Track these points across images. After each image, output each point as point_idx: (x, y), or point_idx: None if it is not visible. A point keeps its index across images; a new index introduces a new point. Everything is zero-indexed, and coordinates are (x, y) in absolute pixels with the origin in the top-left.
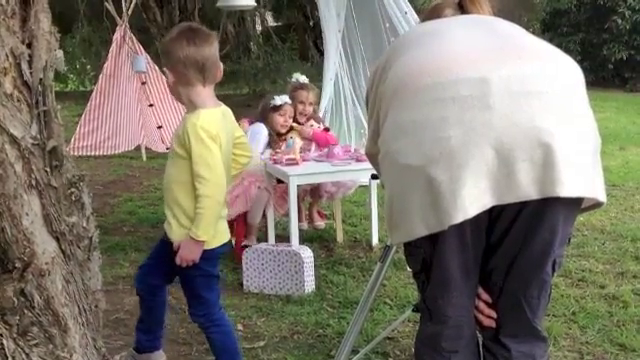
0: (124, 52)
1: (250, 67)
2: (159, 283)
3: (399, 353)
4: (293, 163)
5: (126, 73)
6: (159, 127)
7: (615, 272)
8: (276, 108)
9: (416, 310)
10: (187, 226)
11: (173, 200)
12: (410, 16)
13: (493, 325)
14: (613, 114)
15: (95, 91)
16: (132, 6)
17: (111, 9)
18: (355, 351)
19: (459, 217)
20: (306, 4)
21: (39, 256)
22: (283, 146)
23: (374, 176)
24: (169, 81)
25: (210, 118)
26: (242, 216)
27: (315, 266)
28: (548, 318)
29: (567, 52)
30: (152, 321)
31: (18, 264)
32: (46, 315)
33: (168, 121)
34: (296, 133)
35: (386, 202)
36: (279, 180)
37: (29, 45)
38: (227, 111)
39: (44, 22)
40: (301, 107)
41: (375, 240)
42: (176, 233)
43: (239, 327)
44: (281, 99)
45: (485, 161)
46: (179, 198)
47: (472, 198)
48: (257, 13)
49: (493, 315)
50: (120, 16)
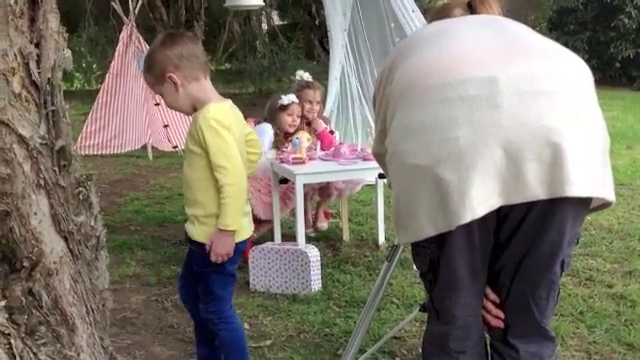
0: (130, 51)
1: (256, 66)
2: (196, 290)
3: (406, 352)
4: (299, 162)
5: (132, 72)
6: (165, 126)
7: (623, 271)
8: (284, 107)
9: (423, 310)
10: (208, 224)
11: (193, 199)
12: (416, 15)
13: (501, 325)
14: (620, 113)
15: (102, 90)
16: (139, 5)
17: (118, 8)
18: (362, 350)
19: (467, 217)
20: (312, 3)
21: (47, 255)
22: (289, 146)
23: (381, 175)
24: (169, 92)
25: (220, 110)
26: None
27: (321, 265)
28: (555, 317)
29: (574, 50)
30: (205, 330)
31: (26, 263)
32: (54, 314)
33: (174, 120)
34: (302, 132)
35: (393, 202)
36: (282, 180)
37: (37, 45)
38: (234, 107)
39: (52, 22)
40: (308, 106)
41: (381, 239)
42: (198, 232)
43: (245, 326)
44: (288, 98)
45: (493, 161)
46: (198, 196)
47: (480, 199)
48: (263, 12)
49: (501, 315)
50: (127, 15)
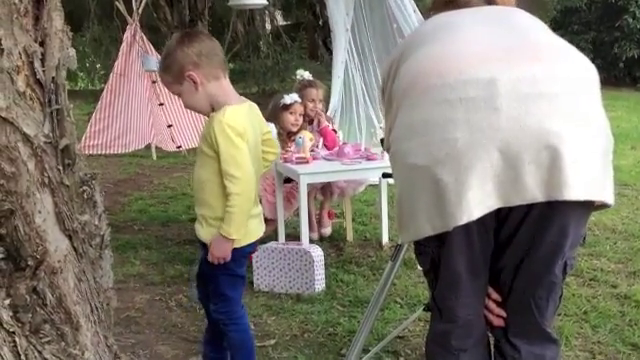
0: (134, 51)
1: (259, 66)
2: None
3: (410, 352)
4: (303, 162)
5: (136, 72)
6: (169, 126)
7: (627, 271)
8: (286, 107)
9: (427, 309)
10: (215, 225)
11: (202, 200)
12: (416, 16)
13: (503, 324)
14: (624, 113)
15: (105, 90)
16: (142, 5)
17: (121, 8)
18: (366, 350)
19: (463, 219)
20: (315, 3)
21: (51, 254)
22: (292, 145)
23: (384, 175)
24: (188, 92)
25: (236, 114)
26: None
27: (325, 265)
28: (559, 317)
29: (578, 50)
30: (217, 330)
31: (31, 262)
32: (58, 313)
33: (178, 120)
34: (305, 132)
35: (396, 201)
36: (286, 180)
37: (42, 43)
38: (253, 106)
39: (57, 21)
40: (311, 105)
41: (385, 239)
42: (205, 232)
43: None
44: (291, 98)
45: (491, 163)
46: (208, 198)
47: (477, 200)
48: (267, 12)
49: (503, 314)
50: (130, 15)
